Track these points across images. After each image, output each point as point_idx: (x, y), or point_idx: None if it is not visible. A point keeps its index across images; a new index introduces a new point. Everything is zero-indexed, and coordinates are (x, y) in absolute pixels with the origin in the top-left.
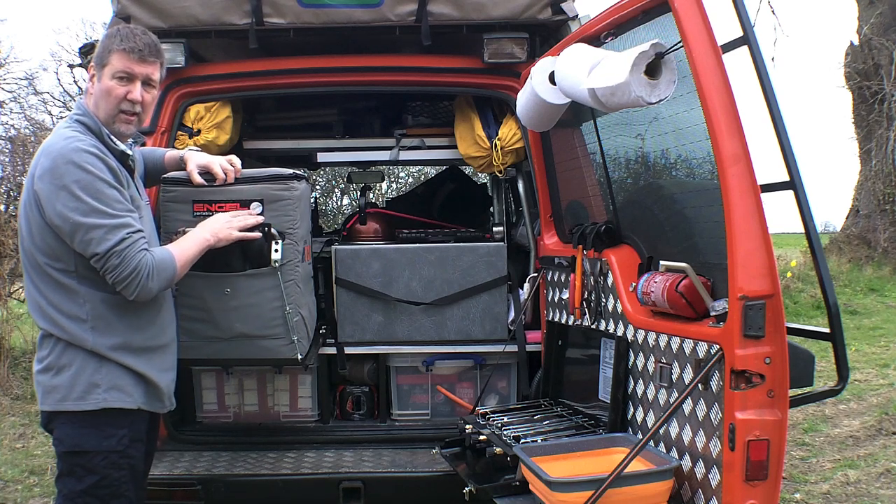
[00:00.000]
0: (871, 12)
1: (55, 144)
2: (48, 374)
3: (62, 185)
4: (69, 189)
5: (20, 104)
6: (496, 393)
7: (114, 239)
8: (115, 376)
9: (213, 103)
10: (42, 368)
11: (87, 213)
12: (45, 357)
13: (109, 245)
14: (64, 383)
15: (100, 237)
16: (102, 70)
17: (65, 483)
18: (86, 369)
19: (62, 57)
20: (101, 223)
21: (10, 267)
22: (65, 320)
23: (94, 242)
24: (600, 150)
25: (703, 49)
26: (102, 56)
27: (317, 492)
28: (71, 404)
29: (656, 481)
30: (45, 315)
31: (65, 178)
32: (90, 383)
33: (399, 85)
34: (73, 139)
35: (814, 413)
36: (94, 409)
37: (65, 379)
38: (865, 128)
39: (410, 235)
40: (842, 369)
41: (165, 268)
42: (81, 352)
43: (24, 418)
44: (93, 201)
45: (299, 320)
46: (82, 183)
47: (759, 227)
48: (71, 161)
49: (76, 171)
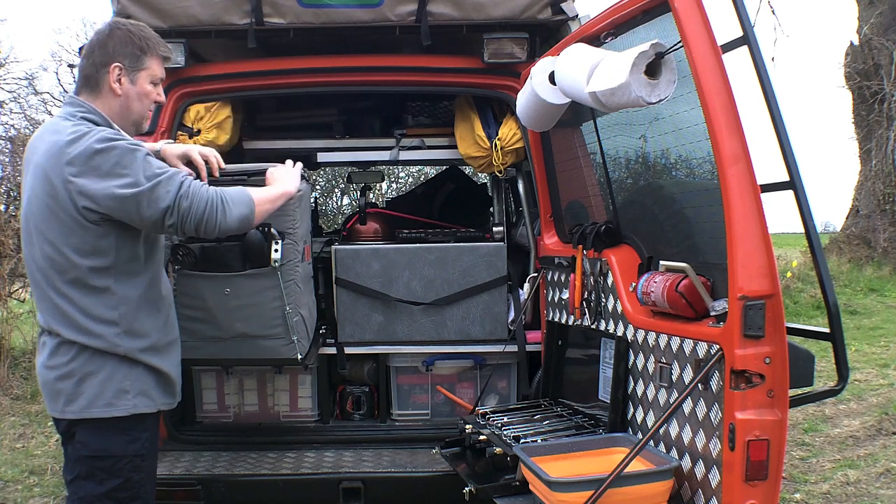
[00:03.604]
0: (871, 12)
1: (77, 146)
2: (70, 381)
3: (108, 171)
4: (116, 171)
5: (20, 104)
6: (496, 393)
7: (175, 185)
8: (142, 381)
9: (213, 103)
10: (62, 375)
11: (142, 181)
12: (67, 363)
13: (174, 192)
14: (91, 390)
15: (163, 192)
16: (138, 73)
17: (81, 486)
18: (115, 375)
19: (62, 57)
20: (158, 180)
21: (9, 267)
22: (97, 326)
23: (161, 198)
24: (600, 150)
25: (703, 49)
26: (139, 59)
27: (317, 492)
28: (99, 411)
29: (656, 481)
30: (74, 323)
31: (106, 164)
32: (119, 389)
33: (399, 85)
34: (92, 132)
35: (814, 413)
36: (123, 416)
37: (92, 385)
38: (865, 128)
39: (410, 235)
40: (842, 369)
41: (241, 200)
42: (111, 358)
43: (24, 418)
44: (141, 169)
45: (299, 320)
46: (125, 160)
47: (759, 227)
48: (104, 148)
49: (113, 153)
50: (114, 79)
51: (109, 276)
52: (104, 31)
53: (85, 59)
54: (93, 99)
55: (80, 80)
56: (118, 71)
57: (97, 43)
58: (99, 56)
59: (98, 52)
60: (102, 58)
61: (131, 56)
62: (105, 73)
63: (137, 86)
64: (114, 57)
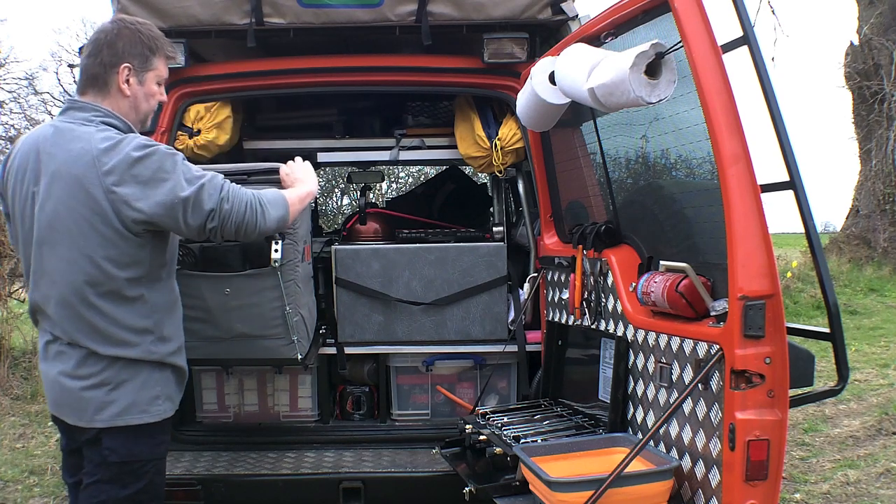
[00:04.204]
0: (871, 12)
1: (114, 154)
2: (102, 390)
3: (150, 178)
4: (158, 177)
5: (20, 104)
6: (496, 393)
7: (216, 188)
8: (169, 385)
9: (213, 103)
10: (93, 384)
11: (185, 186)
12: (99, 373)
13: (216, 195)
14: (125, 398)
15: (206, 196)
16: (146, 74)
17: (103, 489)
18: (148, 382)
19: (62, 57)
20: (201, 183)
21: (9, 267)
22: (133, 336)
23: (204, 202)
24: (600, 150)
25: (703, 49)
26: (147, 59)
27: (317, 492)
28: (132, 417)
29: (656, 481)
30: (107, 337)
31: (147, 171)
32: (152, 396)
33: (399, 85)
34: (126, 139)
35: (814, 413)
36: (154, 421)
37: (125, 393)
38: (865, 128)
39: (410, 235)
40: (842, 369)
41: (277, 201)
42: (146, 365)
43: (24, 418)
44: (182, 173)
45: (299, 320)
46: (165, 165)
47: (759, 227)
48: (143, 155)
49: (153, 159)
50: (123, 79)
51: (142, 285)
52: (112, 30)
53: (90, 57)
54: (101, 100)
55: (85, 80)
56: (127, 72)
57: (105, 42)
58: (108, 56)
59: (106, 52)
60: (111, 58)
61: (140, 56)
62: (114, 73)
63: (145, 86)
64: (123, 57)
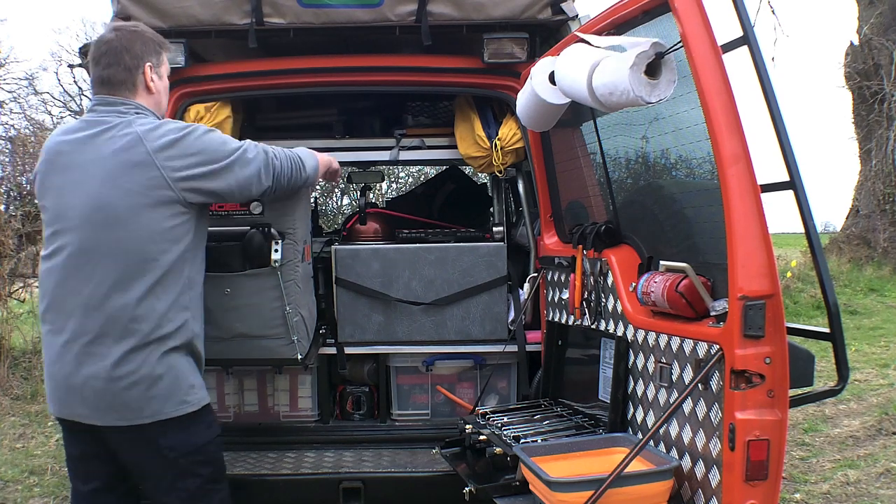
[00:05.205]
0: (871, 12)
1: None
2: (139, 388)
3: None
4: (208, 149)
5: (20, 104)
6: (496, 393)
7: (259, 148)
8: (195, 374)
9: (213, 103)
10: (130, 384)
11: (231, 150)
12: (135, 371)
13: (261, 154)
14: (164, 392)
15: (251, 156)
16: (161, 69)
17: (181, 486)
18: (184, 373)
19: (62, 57)
20: (244, 146)
21: (9, 267)
22: (176, 314)
23: (251, 161)
24: (600, 150)
25: (703, 49)
26: (160, 55)
27: (317, 492)
28: (175, 409)
29: (656, 481)
30: (150, 318)
31: (194, 146)
32: (189, 385)
33: (399, 85)
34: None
35: (814, 413)
36: (197, 410)
37: (164, 387)
38: (865, 128)
39: (410, 235)
40: (842, 369)
41: (304, 152)
42: (178, 354)
43: (24, 418)
44: (222, 142)
45: (299, 320)
46: (207, 137)
47: (759, 227)
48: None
49: (195, 134)
50: (149, 78)
51: (186, 262)
52: (123, 36)
53: (112, 67)
54: (142, 99)
55: (110, 87)
56: (150, 70)
57: (122, 48)
58: (129, 60)
59: (127, 57)
60: (133, 60)
61: (155, 53)
62: (139, 74)
63: (163, 81)
64: (143, 57)
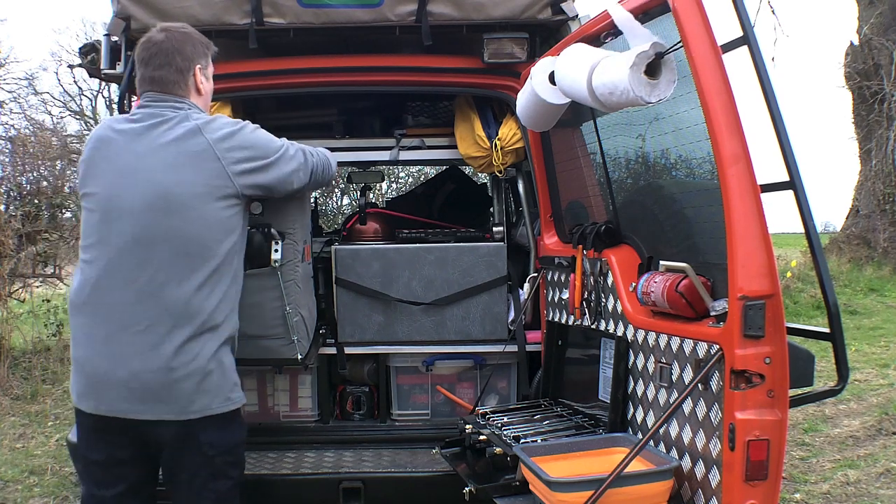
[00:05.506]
0: (871, 12)
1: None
2: (192, 381)
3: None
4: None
5: (20, 104)
6: (496, 393)
7: (296, 145)
8: (236, 371)
9: (213, 103)
10: (184, 375)
11: (277, 146)
12: (189, 362)
13: (300, 150)
14: (214, 387)
15: (292, 151)
16: (207, 71)
17: (212, 486)
18: (230, 369)
19: (62, 57)
20: (286, 143)
21: (9, 267)
22: (226, 305)
23: (295, 156)
24: (600, 150)
25: (703, 49)
26: (207, 58)
27: (317, 492)
28: (221, 406)
29: (656, 481)
30: (212, 309)
31: (248, 140)
32: (234, 382)
33: (399, 85)
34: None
35: (814, 413)
36: (237, 408)
37: (214, 382)
38: (865, 128)
39: (410, 235)
40: (842, 369)
41: (329, 153)
42: (227, 354)
43: (24, 418)
44: (270, 139)
45: (299, 320)
46: (256, 133)
47: (759, 227)
48: (239, 126)
49: (247, 130)
50: (199, 80)
51: (236, 254)
52: (174, 38)
53: (164, 68)
54: (193, 98)
55: (161, 85)
56: (199, 72)
57: (174, 49)
58: (181, 61)
59: (179, 58)
60: (184, 62)
61: (204, 56)
62: (190, 75)
63: (210, 83)
64: (194, 59)
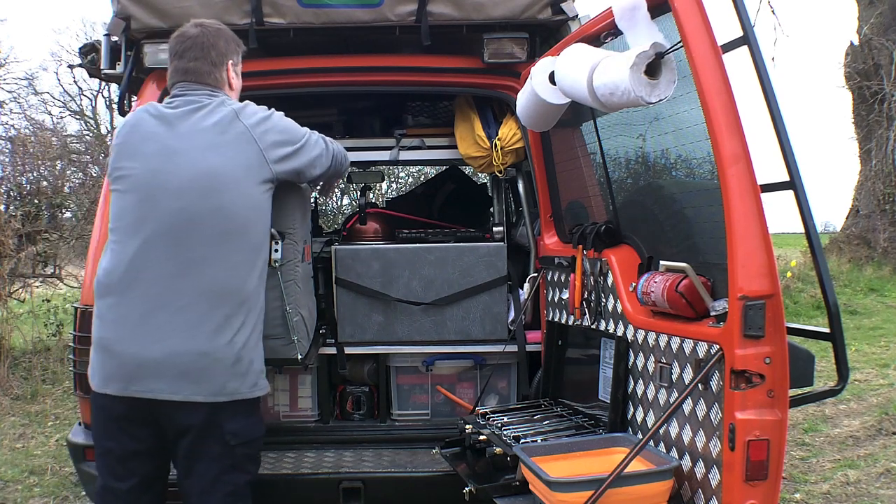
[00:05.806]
0: (871, 12)
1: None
2: (225, 363)
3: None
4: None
5: (20, 104)
6: (496, 393)
7: (318, 135)
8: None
9: None
10: (220, 357)
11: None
12: (227, 343)
13: (321, 140)
14: (243, 371)
15: (314, 139)
16: (238, 68)
17: (228, 479)
18: (259, 355)
19: (62, 57)
20: (308, 132)
21: (9, 267)
22: (262, 291)
23: (317, 144)
24: (600, 150)
25: (703, 49)
26: (239, 55)
27: (317, 492)
28: (249, 392)
29: (656, 481)
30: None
31: (279, 125)
32: (260, 369)
33: (399, 85)
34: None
35: (814, 413)
36: (261, 397)
37: (244, 367)
38: (865, 128)
39: (410, 235)
40: (842, 369)
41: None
42: (258, 339)
43: (24, 418)
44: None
45: (299, 320)
46: (285, 120)
47: (759, 227)
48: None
49: (277, 115)
50: (231, 75)
51: (267, 237)
52: (208, 33)
53: (199, 60)
54: (229, 92)
55: (196, 75)
56: (231, 67)
57: (209, 44)
58: (216, 56)
59: (214, 53)
60: (218, 57)
61: (236, 52)
62: (223, 70)
63: (239, 80)
64: (227, 55)
